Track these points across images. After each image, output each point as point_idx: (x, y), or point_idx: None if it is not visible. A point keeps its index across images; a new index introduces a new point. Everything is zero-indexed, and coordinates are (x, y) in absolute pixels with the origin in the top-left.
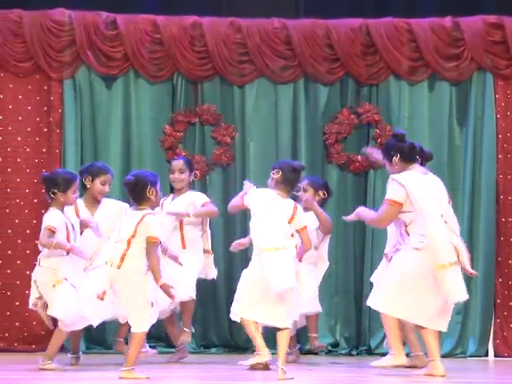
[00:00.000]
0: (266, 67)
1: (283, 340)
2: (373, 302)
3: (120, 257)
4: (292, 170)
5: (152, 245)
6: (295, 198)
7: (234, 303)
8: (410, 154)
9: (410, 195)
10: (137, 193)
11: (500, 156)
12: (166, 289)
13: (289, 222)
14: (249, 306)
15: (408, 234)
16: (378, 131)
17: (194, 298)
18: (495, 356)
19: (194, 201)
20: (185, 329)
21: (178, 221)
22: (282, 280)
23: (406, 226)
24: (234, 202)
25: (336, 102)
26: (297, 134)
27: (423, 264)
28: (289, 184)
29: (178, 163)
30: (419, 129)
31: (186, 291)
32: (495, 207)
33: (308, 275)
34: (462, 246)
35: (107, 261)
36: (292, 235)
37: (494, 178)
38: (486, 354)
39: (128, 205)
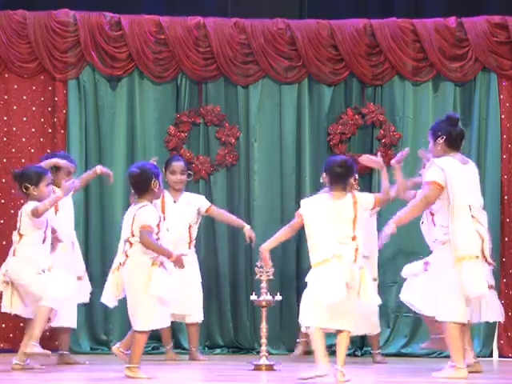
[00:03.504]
0: (271, 68)
1: (343, 342)
2: (437, 313)
3: (124, 255)
4: (337, 166)
5: (144, 233)
6: None
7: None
8: (456, 141)
9: (447, 182)
10: (141, 185)
11: (504, 156)
12: (179, 260)
13: (353, 221)
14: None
15: (434, 225)
16: (382, 131)
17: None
18: (500, 356)
19: (197, 204)
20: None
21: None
22: (332, 294)
23: (432, 214)
24: (290, 228)
25: (340, 103)
26: (301, 134)
27: (448, 258)
28: (340, 181)
29: (180, 164)
30: (423, 129)
31: (198, 313)
32: (499, 208)
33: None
34: (487, 237)
35: (113, 269)
36: (353, 238)
37: (498, 179)
38: (491, 355)
39: None
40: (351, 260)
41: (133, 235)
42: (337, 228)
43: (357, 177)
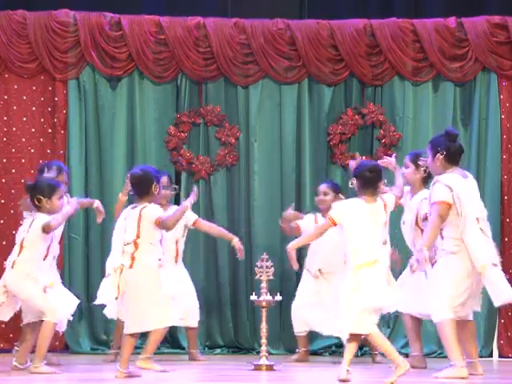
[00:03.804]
0: (271, 68)
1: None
2: (433, 315)
3: (130, 257)
4: (367, 171)
5: (163, 222)
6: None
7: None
8: (455, 156)
9: (455, 199)
10: (142, 187)
11: (504, 156)
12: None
13: (385, 225)
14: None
15: (442, 238)
16: (382, 132)
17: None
18: (500, 356)
19: (183, 218)
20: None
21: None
22: (381, 297)
23: (441, 229)
24: (317, 230)
25: (340, 103)
26: (301, 134)
27: (462, 266)
28: (370, 186)
29: (165, 179)
30: (423, 129)
31: (196, 317)
32: (499, 208)
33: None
34: (494, 247)
35: (116, 268)
36: (385, 242)
37: (498, 179)
38: (491, 355)
39: None
40: (387, 265)
41: (138, 237)
42: (375, 232)
43: (385, 181)
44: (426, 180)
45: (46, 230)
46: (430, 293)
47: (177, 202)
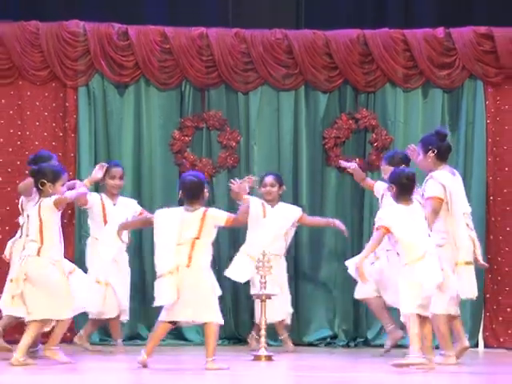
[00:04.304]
0: (269, 75)
1: (430, 327)
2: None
3: (187, 257)
4: (405, 178)
5: (236, 219)
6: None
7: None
8: (445, 154)
9: (447, 195)
10: (197, 193)
11: (490, 159)
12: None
13: (424, 219)
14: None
15: (430, 231)
16: (374, 136)
17: None
18: (485, 347)
19: (132, 208)
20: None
21: None
22: (433, 283)
23: None
24: (376, 241)
25: (335, 108)
26: (298, 138)
27: (446, 259)
28: (409, 191)
29: (119, 170)
30: (413, 133)
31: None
32: (485, 207)
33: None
34: (477, 241)
35: (171, 270)
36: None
37: (484, 180)
38: (477, 346)
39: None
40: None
41: (198, 237)
42: (419, 229)
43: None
44: None
45: (59, 203)
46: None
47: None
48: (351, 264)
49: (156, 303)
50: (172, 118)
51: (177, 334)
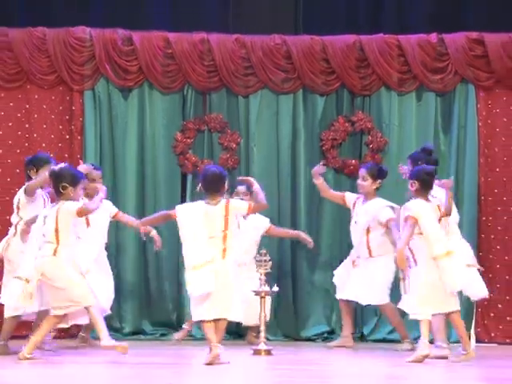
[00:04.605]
0: (268, 79)
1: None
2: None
3: (221, 249)
4: (426, 174)
5: (254, 206)
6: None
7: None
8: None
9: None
10: (219, 185)
11: (481, 160)
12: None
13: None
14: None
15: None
16: (370, 138)
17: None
18: (477, 342)
19: (108, 210)
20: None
21: None
22: (457, 283)
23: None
24: (409, 231)
25: (332, 111)
26: (296, 140)
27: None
28: (428, 188)
29: (99, 173)
30: (407, 135)
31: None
32: (477, 207)
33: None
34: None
35: (210, 260)
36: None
37: (475, 181)
38: (469, 340)
39: None
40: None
41: (226, 229)
42: (439, 224)
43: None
44: (377, 190)
45: (82, 213)
46: None
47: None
48: (338, 273)
49: (195, 293)
50: (175, 121)
51: (178, 328)
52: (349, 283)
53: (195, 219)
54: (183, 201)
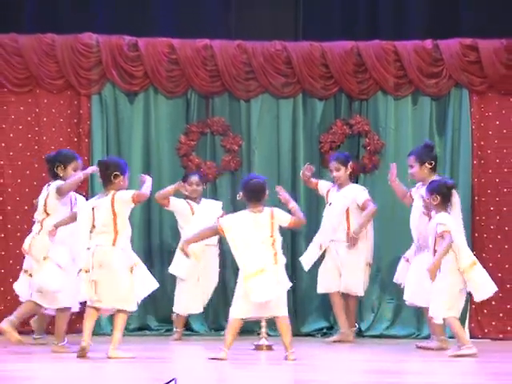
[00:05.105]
0: (269, 84)
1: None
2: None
3: (272, 254)
4: (446, 188)
5: (294, 221)
6: None
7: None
8: (437, 164)
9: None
10: (262, 194)
11: (475, 162)
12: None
13: None
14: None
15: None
16: (367, 140)
17: None
18: (471, 337)
19: None
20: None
21: None
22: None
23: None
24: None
25: (331, 115)
26: (296, 142)
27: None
28: (448, 200)
29: (196, 177)
30: (403, 138)
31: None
32: (471, 207)
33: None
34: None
35: (262, 268)
36: None
37: (469, 182)
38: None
39: None
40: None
41: (273, 236)
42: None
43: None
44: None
45: (139, 200)
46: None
47: None
48: (305, 260)
49: (258, 300)
50: (178, 124)
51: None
52: (326, 274)
53: (244, 228)
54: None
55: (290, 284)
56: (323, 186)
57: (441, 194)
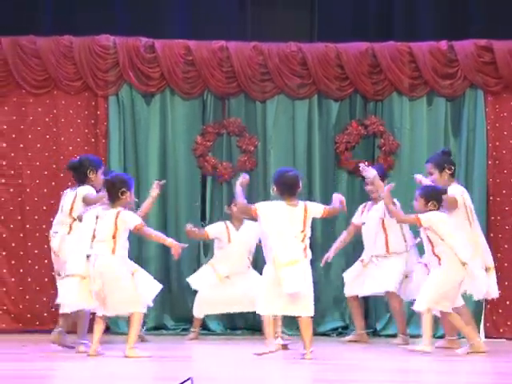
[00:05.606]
0: (285, 85)
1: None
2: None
3: (303, 248)
4: (441, 194)
5: (328, 210)
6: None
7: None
8: (455, 170)
9: (467, 207)
10: (297, 187)
11: (490, 162)
12: None
13: None
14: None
15: None
16: (382, 141)
17: None
18: (486, 337)
19: None
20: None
21: None
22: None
23: None
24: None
25: (346, 116)
26: (311, 143)
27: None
28: (440, 205)
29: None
30: (418, 139)
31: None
32: (486, 207)
33: None
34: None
35: (296, 260)
36: None
37: (484, 182)
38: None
39: None
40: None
41: (304, 230)
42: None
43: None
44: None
45: (140, 232)
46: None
47: None
48: None
49: (289, 290)
50: (195, 125)
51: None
52: (357, 280)
53: (280, 217)
54: (203, 201)
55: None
56: (357, 213)
57: (436, 200)
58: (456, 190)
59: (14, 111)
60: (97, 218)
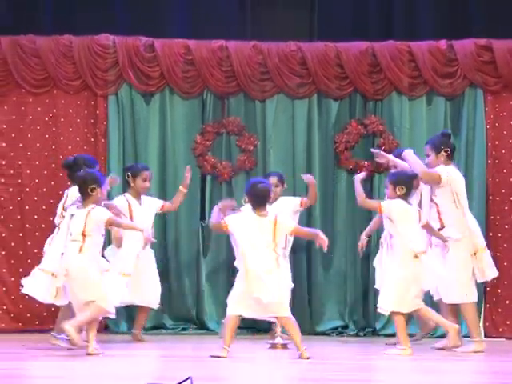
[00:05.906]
0: (284, 84)
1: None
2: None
3: (274, 259)
4: (408, 178)
5: (298, 230)
6: None
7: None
8: (453, 153)
9: (457, 188)
10: (267, 199)
11: (489, 161)
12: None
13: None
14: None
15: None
16: (382, 140)
17: None
18: (485, 337)
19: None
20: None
21: None
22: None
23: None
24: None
25: (345, 115)
26: (311, 142)
27: (464, 250)
28: (409, 191)
29: (148, 173)
30: (418, 138)
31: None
32: (485, 206)
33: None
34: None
35: (269, 270)
36: None
37: (483, 181)
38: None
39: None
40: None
41: (275, 240)
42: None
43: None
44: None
45: (113, 225)
46: None
47: None
48: None
49: (265, 300)
50: (194, 124)
51: (199, 324)
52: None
53: (250, 228)
54: (203, 200)
55: (292, 285)
56: None
57: (404, 184)
58: (443, 169)
59: (14, 110)
60: (71, 216)
